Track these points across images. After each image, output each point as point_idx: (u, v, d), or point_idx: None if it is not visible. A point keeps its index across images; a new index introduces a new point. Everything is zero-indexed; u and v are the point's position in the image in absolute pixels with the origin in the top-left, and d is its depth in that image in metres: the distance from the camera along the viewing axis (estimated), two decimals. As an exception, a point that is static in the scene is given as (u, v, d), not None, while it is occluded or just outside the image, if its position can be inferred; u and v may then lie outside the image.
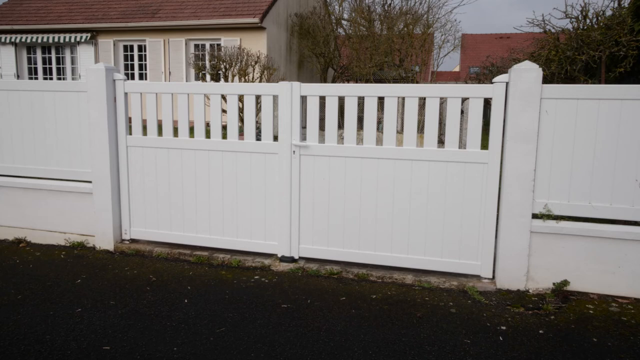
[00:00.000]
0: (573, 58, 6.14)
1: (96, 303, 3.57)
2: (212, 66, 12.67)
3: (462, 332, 3.21)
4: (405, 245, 4.13)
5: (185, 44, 15.44)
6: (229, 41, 14.79)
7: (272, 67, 12.92)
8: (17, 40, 16.43)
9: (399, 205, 4.10)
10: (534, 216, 3.85)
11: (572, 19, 6.43)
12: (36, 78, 16.88)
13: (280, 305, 3.57)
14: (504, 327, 3.28)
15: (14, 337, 3.06)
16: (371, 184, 4.14)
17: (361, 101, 4.19)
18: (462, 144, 4.13)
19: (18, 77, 16.75)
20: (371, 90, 4.10)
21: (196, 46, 15.61)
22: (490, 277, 4.01)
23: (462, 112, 4.06)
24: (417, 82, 16.24)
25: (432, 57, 19.24)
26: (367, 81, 15.79)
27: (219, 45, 14.99)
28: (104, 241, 4.77)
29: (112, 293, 3.76)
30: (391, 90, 4.05)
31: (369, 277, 4.12)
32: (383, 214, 4.14)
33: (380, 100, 4.18)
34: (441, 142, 5.44)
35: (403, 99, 4.15)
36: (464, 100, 4.13)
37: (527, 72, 3.69)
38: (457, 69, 40.95)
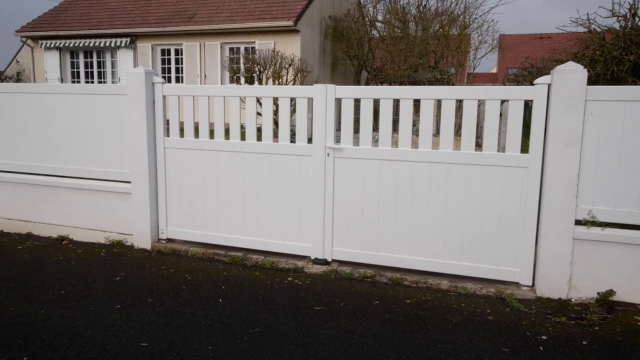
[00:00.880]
0: (620, 58, 5.89)
1: (134, 300, 3.66)
2: (246, 69, 12.84)
3: (500, 340, 3.12)
4: (441, 249, 4.05)
5: (221, 47, 15.71)
6: (263, 44, 14.95)
7: (305, 70, 12.98)
8: (61, 45, 17.11)
9: (435, 209, 4.03)
10: (577, 222, 3.70)
11: (620, 18, 6.18)
12: (78, 81, 17.53)
13: (313, 308, 3.56)
14: (544, 337, 3.16)
15: (58, 330, 3.17)
16: (406, 187, 4.08)
17: (396, 103, 4.15)
18: (500, 148, 4.01)
19: (62, 80, 17.44)
20: (406, 93, 4.05)
21: (231, 49, 15.86)
22: (530, 284, 3.88)
23: (500, 114, 3.95)
24: (452, 84, 15.99)
25: (468, 59, 18.90)
26: (401, 83, 15.65)
27: (253, 48, 15.18)
28: (142, 240, 4.89)
29: (150, 291, 3.84)
30: (427, 93, 3.99)
31: (403, 282, 4.06)
32: (417, 218, 4.08)
33: (416, 102, 4.12)
34: (478, 145, 5.33)
35: (439, 101, 4.08)
36: (502, 102, 4.02)
37: (571, 73, 3.56)
38: (494, 70, 40.09)
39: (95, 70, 17.46)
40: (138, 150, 4.75)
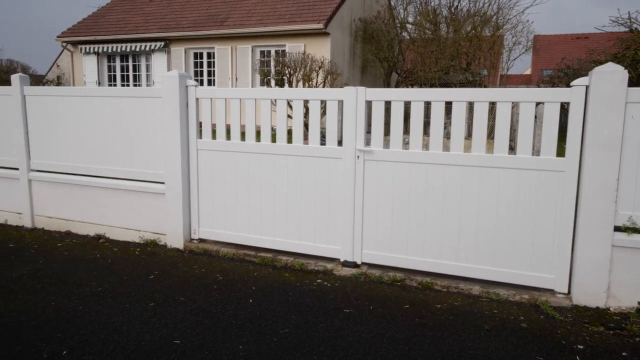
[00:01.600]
0: (662, 59, 5.67)
1: (167, 299, 3.74)
2: (277, 72, 12.96)
3: (535, 348, 3.05)
4: (473, 254, 3.99)
5: (252, 50, 15.90)
6: (293, 47, 15.06)
7: (335, 72, 13.00)
8: (99, 50, 17.68)
9: (466, 213, 3.97)
10: (616, 229, 3.58)
11: (662, 17, 5.95)
12: (115, 84, 18.06)
13: (342, 310, 3.56)
14: (581, 347, 3.07)
15: (95, 326, 3.28)
16: (437, 190, 4.04)
17: (427, 106, 4.11)
18: (534, 151, 3.92)
19: (99, 84, 18.01)
20: (438, 95, 4.01)
21: (262, 52, 16.03)
22: (566, 292, 3.78)
23: (534, 117, 3.86)
24: (485, 86, 15.71)
25: (501, 60, 18.53)
26: (432, 85, 15.48)
27: (283, 51, 15.30)
28: (175, 240, 4.99)
29: (182, 290, 3.92)
30: (459, 95, 3.94)
31: (434, 286, 4.02)
32: (448, 222, 4.03)
33: (447, 105, 4.08)
34: (511, 148, 5.22)
35: (471, 103, 4.02)
36: (537, 104, 3.92)
37: (611, 75, 3.45)
38: (528, 71, 39.14)
39: (130, 73, 17.96)
40: (172, 152, 4.86)
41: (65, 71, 22.49)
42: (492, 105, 4.33)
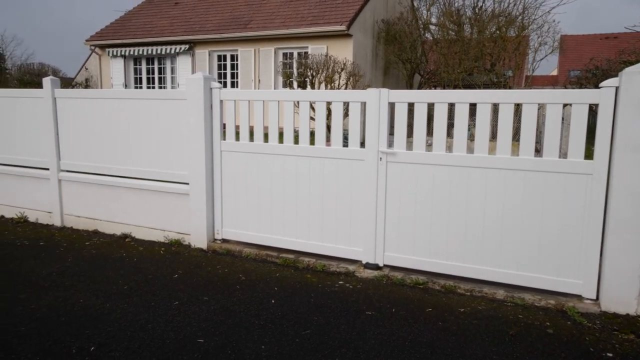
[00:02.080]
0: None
1: (191, 298, 3.80)
2: (299, 74, 13.02)
3: (561, 355, 2.98)
4: (497, 258, 3.93)
5: (274, 52, 16.01)
6: (316, 49, 15.10)
7: (358, 74, 12.98)
8: (126, 53, 18.07)
9: (491, 216, 3.91)
10: (647, 233, 3.48)
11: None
12: (141, 87, 18.41)
13: (364, 312, 3.56)
14: (610, 354, 3.00)
15: (122, 323, 3.35)
16: (460, 192, 4.00)
17: (450, 107, 4.08)
18: (561, 154, 3.85)
19: (126, 86, 18.40)
20: (462, 97, 3.97)
21: (284, 54, 16.13)
22: (594, 298, 3.69)
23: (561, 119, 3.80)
24: (509, 88, 15.46)
25: (526, 61, 18.21)
26: (455, 87, 15.32)
27: (306, 53, 15.36)
28: (198, 240, 5.06)
29: (205, 289, 3.97)
30: (484, 96, 3.89)
31: (457, 290, 3.97)
32: (473, 224, 3.98)
33: (472, 106, 4.03)
34: (536, 151, 5.13)
35: (496, 105, 3.97)
36: (564, 106, 3.84)
37: (642, 75, 3.36)
38: (554, 72, 38.35)
39: (156, 76, 18.29)
40: (196, 153, 4.93)
41: (93, 74, 23.04)
42: (517, 107, 4.27)
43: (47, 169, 5.88)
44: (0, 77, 25.46)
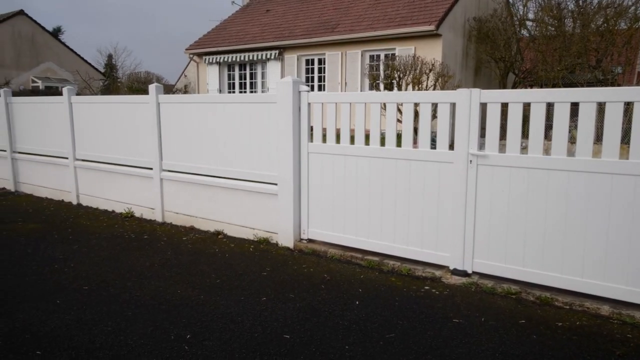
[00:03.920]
0: None
1: (278, 295, 3.93)
2: (386, 75, 12.92)
3: (678, 382, 2.67)
4: (601, 270, 3.61)
5: (361, 55, 16.05)
6: (403, 50, 14.90)
7: (447, 75, 12.60)
8: (221, 60, 19.13)
9: (595, 224, 3.60)
10: None
11: None
12: (233, 91, 19.39)
13: (451, 320, 3.44)
14: None
15: (214, 315, 3.55)
16: (559, 198, 3.73)
17: (548, 108, 3.81)
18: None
19: (220, 91, 19.47)
20: (562, 95, 3.70)
21: (371, 57, 16.10)
22: None
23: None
24: (618, 85, 14.13)
25: (639, 56, 16.52)
26: (554, 86, 14.30)
27: (393, 54, 15.21)
28: (285, 239, 5.22)
29: (292, 287, 4.08)
30: (588, 95, 3.60)
31: (554, 302, 3.71)
32: (573, 233, 3.69)
33: (573, 106, 3.74)
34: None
35: (601, 104, 3.64)
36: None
37: None
38: (671, 67, 34.31)
39: (247, 81, 19.17)
40: (284, 155, 5.09)
41: (191, 80, 24.69)
42: (628, 106, 3.89)
43: (151, 169, 6.39)
44: (113, 85, 28.20)
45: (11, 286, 4.11)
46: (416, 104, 4.50)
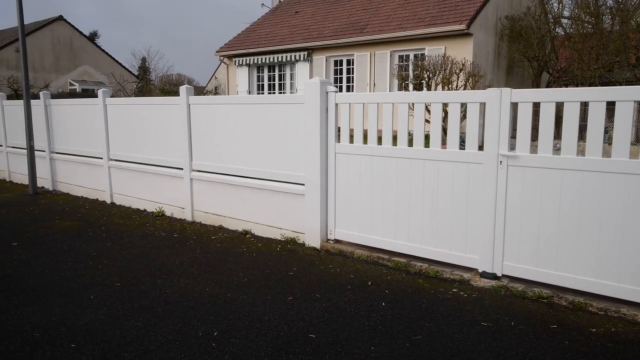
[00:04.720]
0: None
1: (304, 294, 3.94)
2: (415, 76, 12.79)
3: None
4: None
5: (390, 55, 15.94)
6: (433, 50, 14.73)
7: (477, 74, 12.39)
8: (250, 62, 19.36)
9: (630, 228, 3.47)
10: None
11: None
12: (262, 92, 19.58)
13: (479, 323, 3.38)
14: None
15: (241, 313, 3.59)
16: (594, 200, 3.61)
17: (583, 107, 3.69)
18: None
19: (249, 92, 19.70)
20: (597, 94, 3.58)
21: (400, 57, 15.97)
22: None
23: None
24: (658, 84, 13.58)
25: (681, 53, 15.83)
26: (590, 85, 13.87)
27: (422, 54, 15.05)
28: (312, 239, 5.23)
29: (318, 287, 4.09)
30: (626, 93, 3.47)
31: (587, 307, 3.59)
32: (607, 237, 3.57)
33: (609, 105, 3.61)
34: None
35: (641, 103, 3.51)
36: None
37: None
38: None
39: (276, 82, 19.32)
40: (312, 155, 5.10)
41: (221, 82, 25.05)
42: (669, 105, 3.74)
43: (181, 169, 6.52)
44: (146, 87, 28.93)
45: (49, 281, 4.27)
46: (445, 104, 4.45)
